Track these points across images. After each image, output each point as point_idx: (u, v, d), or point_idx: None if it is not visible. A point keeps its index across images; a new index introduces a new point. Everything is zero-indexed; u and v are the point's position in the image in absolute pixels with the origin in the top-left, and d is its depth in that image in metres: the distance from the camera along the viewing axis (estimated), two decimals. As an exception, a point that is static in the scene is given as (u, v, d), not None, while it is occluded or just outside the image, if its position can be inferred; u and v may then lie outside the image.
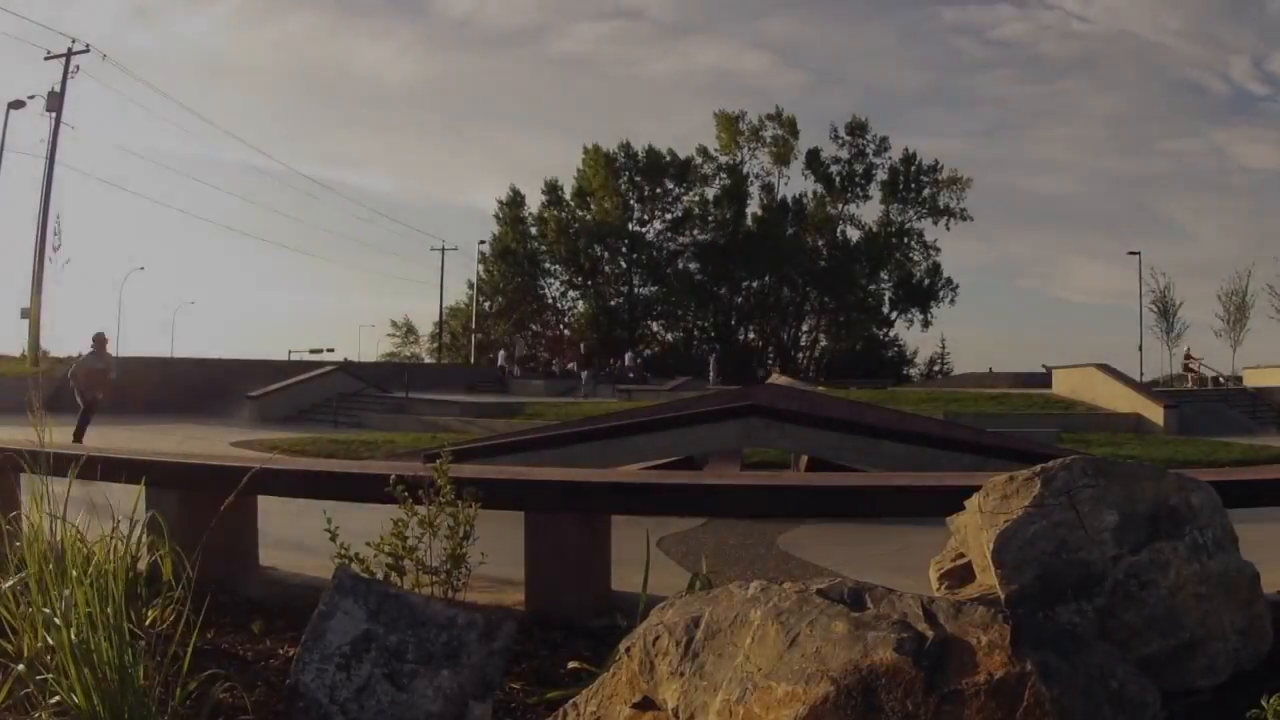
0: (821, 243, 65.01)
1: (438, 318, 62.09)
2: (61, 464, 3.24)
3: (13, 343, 32.83)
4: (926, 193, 63.46)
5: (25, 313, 31.66)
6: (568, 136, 61.70)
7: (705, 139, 65.55)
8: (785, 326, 66.13)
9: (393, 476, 3.82)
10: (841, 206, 64.68)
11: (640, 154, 63.21)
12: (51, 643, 2.64)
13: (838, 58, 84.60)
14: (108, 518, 3.34)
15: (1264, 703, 2.25)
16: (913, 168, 63.42)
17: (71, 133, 39.90)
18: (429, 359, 61.22)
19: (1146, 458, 13.36)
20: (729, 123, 64.02)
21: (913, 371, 64.53)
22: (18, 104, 33.06)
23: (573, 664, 3.36)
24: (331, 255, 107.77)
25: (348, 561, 3.43)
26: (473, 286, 62.20)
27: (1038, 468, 2.71)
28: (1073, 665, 2.08)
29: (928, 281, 64.88)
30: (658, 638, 2.43)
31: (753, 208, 64.99)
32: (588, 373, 38.66)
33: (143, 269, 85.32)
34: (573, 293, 66.11)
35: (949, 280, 64.94)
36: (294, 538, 5.46)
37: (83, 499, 3.29)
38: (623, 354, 51.60)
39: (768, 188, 65.00)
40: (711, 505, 5.74)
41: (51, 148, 32.60)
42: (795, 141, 63.99)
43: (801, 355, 65.53)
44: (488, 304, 63.47)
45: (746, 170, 64.61)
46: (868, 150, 63.81)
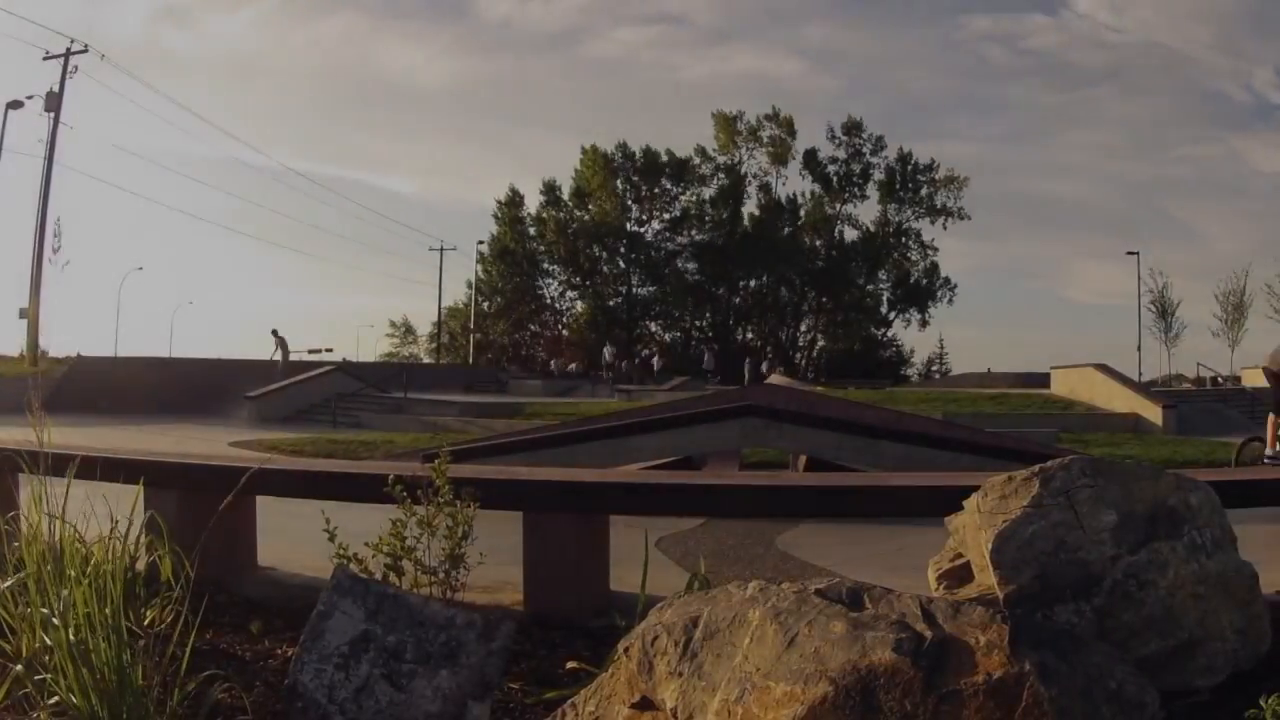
0: (819, 243, 65.06)
1: (436, 318, 62.20)
2: (60, 464, 3.24)
3: (12, 343, 32.82)
4: (924, 192, 63.52)
5: (24, 313, 31.68)
6: (596, 140, 62.15)
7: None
8: (783, 326, 66.17)
9: (391, 476, 3.82)
10: (839, 206, 64.76)
11: (638, 154, 63.23)
12: (50, 643, 2.64)
13: (871, 64, 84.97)
14: (106, 518, 3.34)
15: (1262, 703, 2.26)
16: (909, 167, 63.49)
17: (70, 132, 39.92)
18: (427, 359, 61.24)
19: (1145, 458, 13.38)
20: (726, 123, 64.03)
21: (911, 371, 64.66)
22: (16, 104, 33.04)
23: (571, 664, 3.36)
24: (330, 255, 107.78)
25: (346, 561, 3.42)
26: (471, 286, 62.28)
27: (1036, 468, 2.71)
28: (1071, 665, 2.08)
29: (925, 281, 64.95)
30: (656, 638, 2.43)
31: (750, 208, 65.13)
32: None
33: (141, 269, 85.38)
34: (571, 293, 66.22)
35: (947, 280, 65.13)
36: (292, 538, 5.45)
37: (84, 498, 3.28)
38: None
39: (765, 188, 65.13)
40: (710, 505, 5.74)
41: (50, 148, 32.59)
42: (793, 141, 64.11)
43: (799, 355, 65.57)
44: (486, 304, 63.49)
45: (744, 170, 64.70)
46: (864, 150, 63.95)
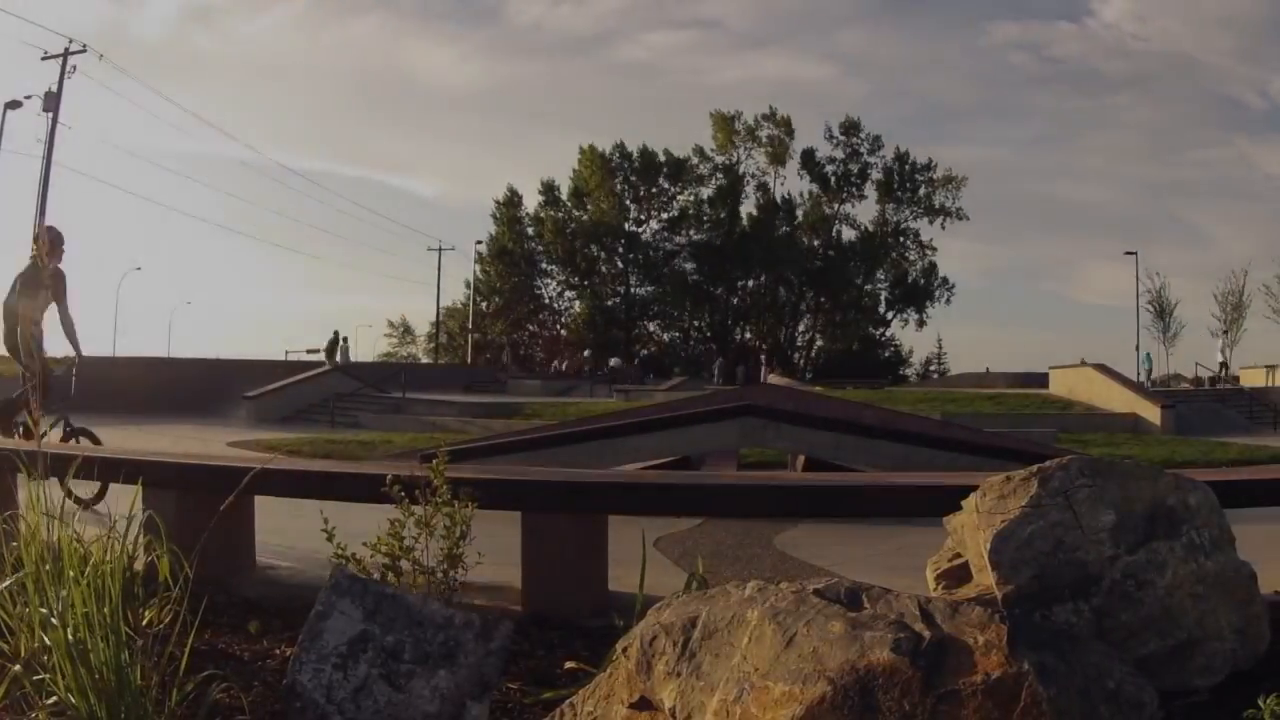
0: (817, 242, 65.08)
1: (435, 318, 62.19)
2: (58, 464, 3.24)
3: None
4: (922, 192, 63.56)
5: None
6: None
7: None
8: (781, 326, 66.18)
9: (389, 476, 3.81)
10: (837, 206, 64.82)
11: (635, 154, 63.24)
12: (48, 643, 2.64)
13: (900, 70, 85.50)
14: (105, 518, 3.33)
15: (1261, 703, 2.26)
16: (907, 167, 63.50)
17: (69, 132, 39.86)
18: (426, 359, 61.23)
19: (1144, 458, 13.36)
20: (725, 123, 64.03)
21: (909, 371, 64.67)
22: (14, 104, 33.00)
23: (570, 664, 3.36)
24: (329, 255, 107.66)
25: (344, 561, 3.42)
26: (470, 286, 62.28)
27: (1034, 468, 2.71)
28: (1070, 665, 2.08)
29: (923, 281, 64.98)
30: (655, 638, 2.43)
31: (748, 207, 65.14)
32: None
33: (139, 269, 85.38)
34: (569, 293, 66.23)
35: (945, 280, 65.17)
36: (291, 537, 5.45)
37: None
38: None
39: (763, 187, 65.11)
40: (708, 505, 5.73)
41: (48, 148, 32.55)
42: (791, 141, 64.12)
43: (798, 355, 65.59)
44: (485, 304, 63.47)
45: (742, 170, 64.70)
46: (862, 150, 63.97)
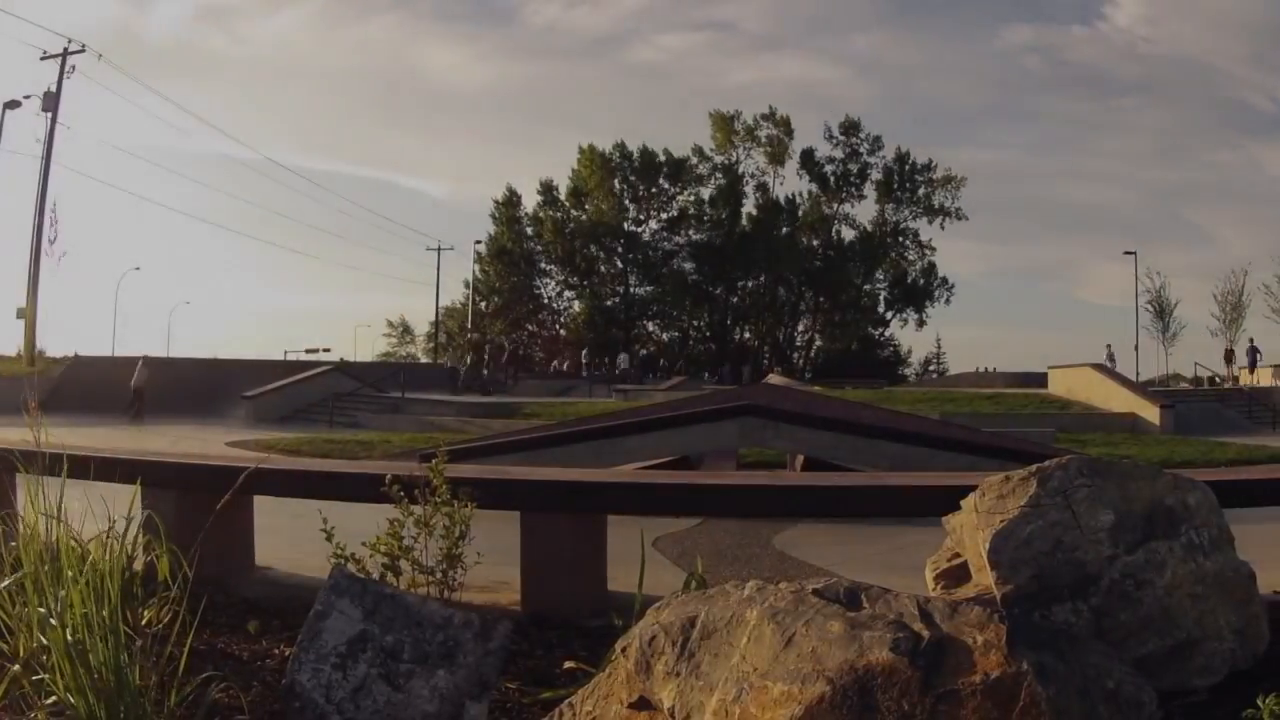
0: (816, 242, 64.97)
1: (434, 317, 62.17)
2: (57, 464, 3.23)
3: (9, 343, 32.77)
4: (921, 192, 63.50)
5: (21, 313, 31.62)
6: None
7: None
8: (781, 326, 66.13)
9: (388, 476, 3.81)
10: (836, 206, 64.71)
11: (635, 154, 63.18)
12: (47, 643, 2.64)
13: (912, 72, 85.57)
14: (104, 518, 3.33)
15: (1260, 702, 2.26)
16: (906, 167, 63.43)
17: (68, 132, 39.79)
18: (425, 359, 61.20)
19: (1142, 457, 13.39)
20: (724, 122, 63.96)
21: (908, 371, 64.64)
22: (13, 104, 32.98)
23: (569, 664, 3.36)
24: (328, 255, 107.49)
25: (344, 561, 3.42)
26: (469, 286, 62.24)
27: (1034, 467, 2.71)
28: (1069, 665, 2.08)
29: (923, 281, 64.94)
30: (654, 637, 2.43)
31: (748, 207, 64.93)
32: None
33: (138, 269, 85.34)
34: (569, 293, 66.16)
35: (944, 280, 65.10)
36: (290, 537, 5.45)
37: (82, 498, 3.28)
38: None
39: (763, 187, 64.96)
40: (707, 505, 5.74)
41: (47, 148, 32.56)
42: (790, 141, 64.01)
43: (797, 355, 65.55)
44: (484, 304, 63.42)
45: (742, 170, 64.61)
46: (862, 150, 63.86)
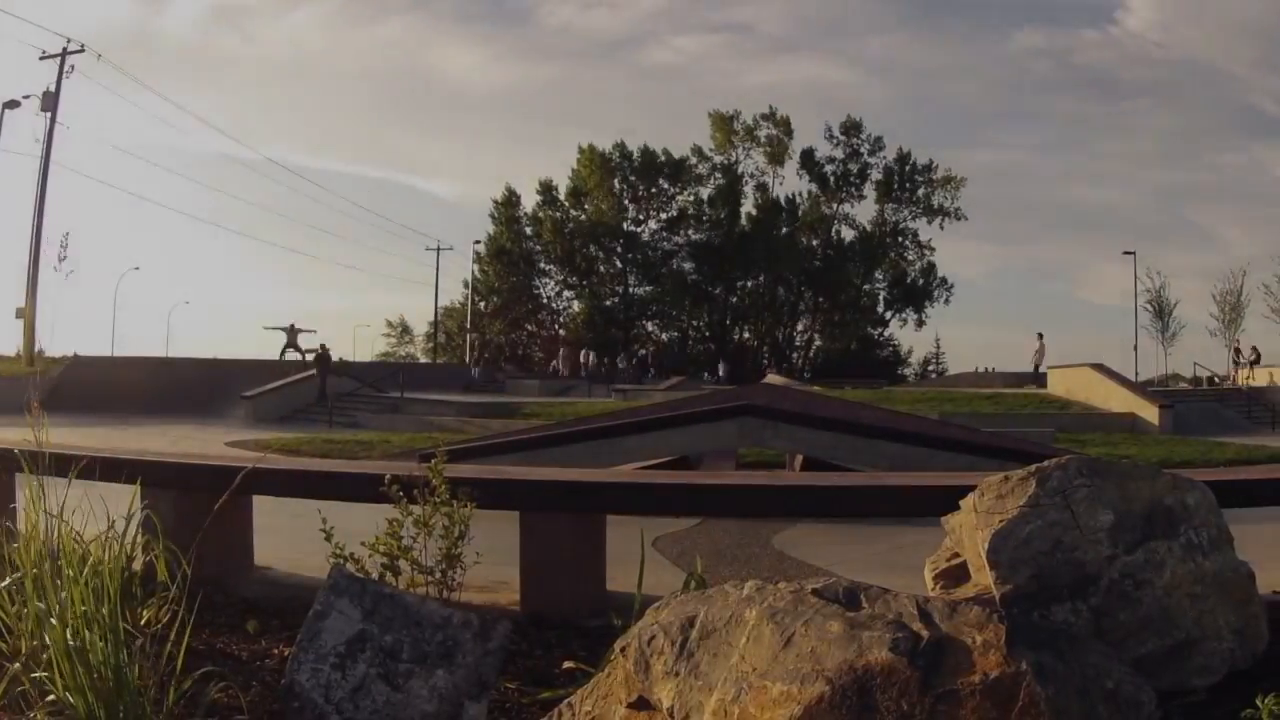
0: (816, 242, 64.95)
1: (433, 317, 62.16)
2: (57, 464, 3.24)
3: (9, 343, 32.74)
4: (921, 192, 63.51)
5: (20, 313, 31.59)
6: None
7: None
8: (780, 326, 66.13)
9: (388, 476, 3.81)
10: (836, 206, 64.66)
11: (635, 153, 63.17)
12: (47, 642, 2.64)
13: (925, 74, 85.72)
14: (103, 517, 3.33)
15: (1259, 702, 2.26)
16: (907, 167, 63.42)
17: (67, 131, 39.77)
18: (424, 359, 61.20)
19: (1142, 457, 13.41)
20: (723, 122, 63.95)
21: (907, 371, 64.63)
22: (13, 104, 32.93)
23: (568, 664, 3.36)
24: (328, 255, 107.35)
25: (343, 561, 3.42)
26: (468, 286, 62.23)
27: (1033, 467, 2.71)
28: (1068, 665, 2.08)
29: (922, 281, 64.95)
30: (653, 637, 2.43)
31: (747, 207, 64.86)
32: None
33: (138, 269, 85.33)
34: (568, 292, 66.15)
35: (944, 280, 65.10)
36: (289, 537, 5.45)
37: (82, 497, 3.28)
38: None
39: (762, 187, 64.91)
40: (706, 505, 5.74)
41: (46, 148, 32.46)
42: (790, 141, 63.96)
43: (796, 355, 65.55)
44: (483, 304, 63.42)
45: (741, 170, 64.58)
46: (862, 150, 63.83)
